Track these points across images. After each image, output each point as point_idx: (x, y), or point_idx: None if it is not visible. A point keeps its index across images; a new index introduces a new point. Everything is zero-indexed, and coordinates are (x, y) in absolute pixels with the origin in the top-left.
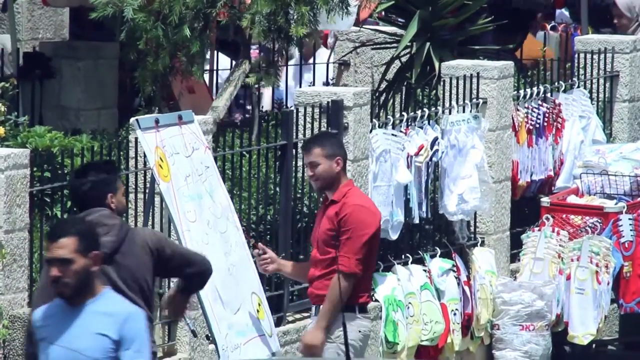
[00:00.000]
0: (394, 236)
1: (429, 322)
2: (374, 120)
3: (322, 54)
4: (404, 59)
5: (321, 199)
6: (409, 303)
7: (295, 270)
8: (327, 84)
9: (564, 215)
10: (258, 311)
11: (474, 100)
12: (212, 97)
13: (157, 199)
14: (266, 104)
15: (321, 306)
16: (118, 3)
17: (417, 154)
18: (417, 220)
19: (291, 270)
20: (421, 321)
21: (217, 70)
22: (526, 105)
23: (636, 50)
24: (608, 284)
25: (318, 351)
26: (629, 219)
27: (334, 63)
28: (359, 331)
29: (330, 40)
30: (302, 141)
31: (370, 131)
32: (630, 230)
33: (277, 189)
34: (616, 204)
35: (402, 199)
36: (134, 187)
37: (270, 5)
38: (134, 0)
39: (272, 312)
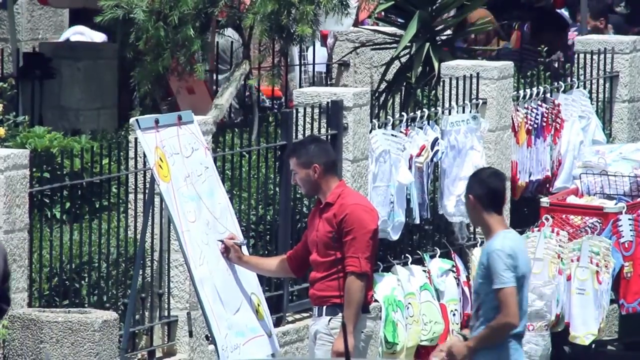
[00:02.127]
0: (394, 237)
1: (429, 323)
2: (373, 120)
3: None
4: (403, 60)
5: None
6: (409, 303)
7: (252, 263)
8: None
9: (563, 216)
10: (257, 311)
11: (474, 101)
12: (212, 98)
13: (156, 199)
14: None
15: (342, 313)
16: (125, 6)
17: (418, 155)
18: (418, 221)
19: (250, 263)
20: (421, 321)
21: (217, 70)
22: (526, 105)
23: (636, 51)
24: (608, 283)
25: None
26: (629, 219)
27: (333, 63)
28: (362, 331)
29: (329, 41)
30: None
31: (370, 132)
32: (630, 230)
33: (277, 189)
34: (616, 204)
35: (404, 199)
36: (133, 187)
37: (273, 4)
38: (141, 2)
39: (271, 313)
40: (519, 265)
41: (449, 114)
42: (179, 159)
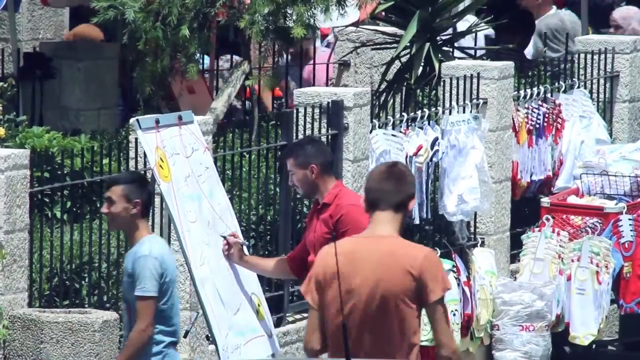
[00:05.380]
0: None
1: (429, 323)
2: (374, 120)
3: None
4: (403, 59)
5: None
6: None
7: (253, 263)
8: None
9: (564, 216)
10: (258, 312)
11: (474, 101)
12: (212, 98)
13: (157, 200)
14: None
15: None
16: (119, 6)
17: (415, 154)
18: (417, 221)
19: (250, 263)
20: (421, 322)
21: (218, 70)
22: (526, 105)
23: (636, 51)
24: (608, 284)
25: None
26: (629, 219)
27: (334, 63)
28: None
29: (330, 38)
30: None
31: (370, 132)
32: (630, 230)
33: (277, 189)
34: (616, 204)
35: None
36: None
37: (269, 5)
38: (134, 2)
39: (272, 313)
40: (167, 270)
41: (450, 114)
42: (179, 159)
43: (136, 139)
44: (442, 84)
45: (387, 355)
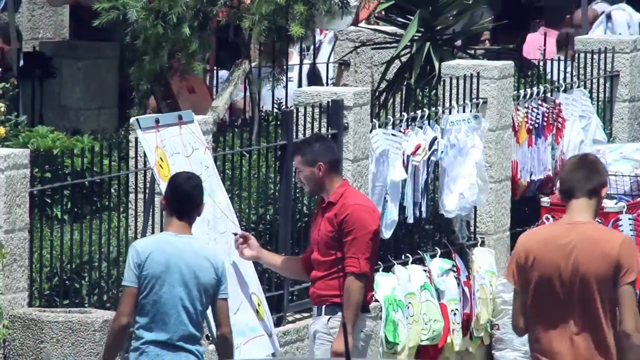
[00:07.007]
0: (387, 235)
1: (429, 322)
2: (374, 120)
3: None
4: (404, 59)
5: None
6: (409, 303)
7: (281, 264)
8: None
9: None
10: (258, 311)
11: (474, 100)
12: (212, 97)
13: (157, 199)
14: (267, 103)
15: (341, 313)
16: (120, 7)
17: (414, 154)
18: (411, 220)
19: (276, 263)
20: (421, 321)
21: (217, 70)
22: (526, 105)
23: (636, 50)
24: None
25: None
26: (629, 218)
27: (334, 63)
28: (362, 331)
29: (329, 36)
30: None
31: (370, 131)
32: (630, 230)
33: (277, 188)
34: (616, 203)
35: (398, 197)
36: (134, 187)
37: (268, 5)
38: (136, 2)
39: (272, 312)
40: (147, 263)
41: (450, 113)
42: (179, 159)
43: (136, 138)
44: (442, 83)
45: (589, 340)
